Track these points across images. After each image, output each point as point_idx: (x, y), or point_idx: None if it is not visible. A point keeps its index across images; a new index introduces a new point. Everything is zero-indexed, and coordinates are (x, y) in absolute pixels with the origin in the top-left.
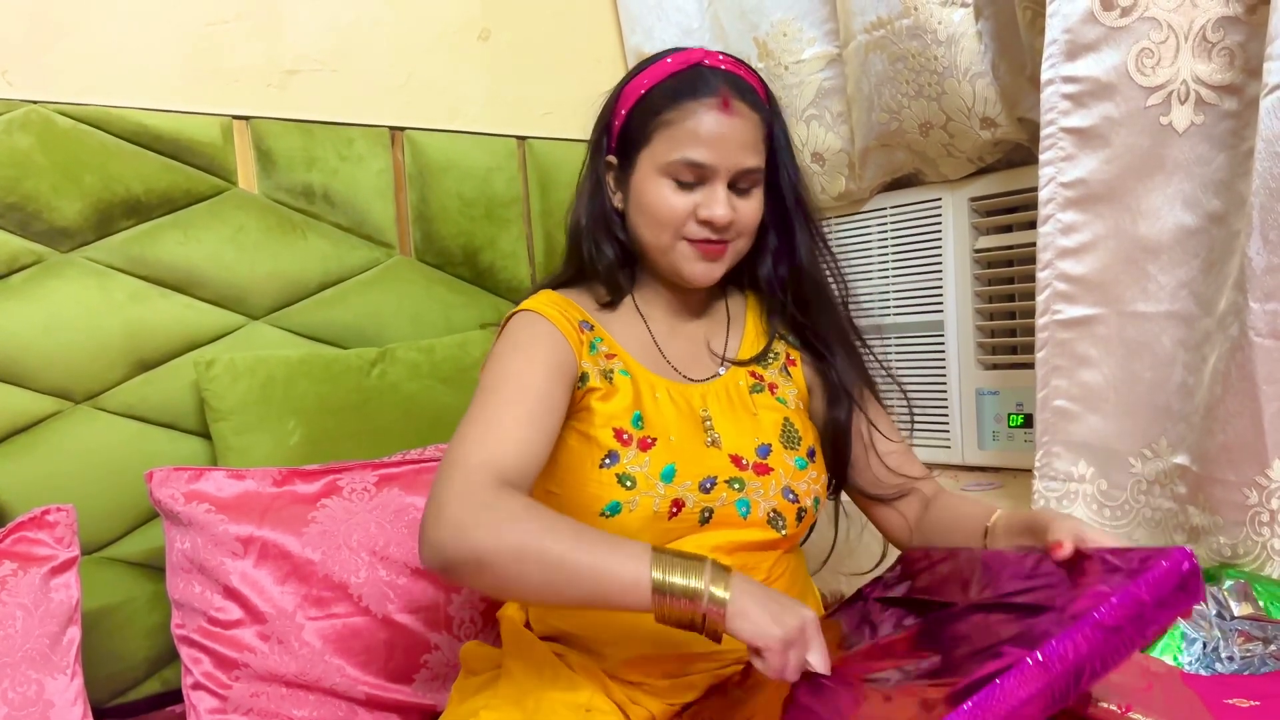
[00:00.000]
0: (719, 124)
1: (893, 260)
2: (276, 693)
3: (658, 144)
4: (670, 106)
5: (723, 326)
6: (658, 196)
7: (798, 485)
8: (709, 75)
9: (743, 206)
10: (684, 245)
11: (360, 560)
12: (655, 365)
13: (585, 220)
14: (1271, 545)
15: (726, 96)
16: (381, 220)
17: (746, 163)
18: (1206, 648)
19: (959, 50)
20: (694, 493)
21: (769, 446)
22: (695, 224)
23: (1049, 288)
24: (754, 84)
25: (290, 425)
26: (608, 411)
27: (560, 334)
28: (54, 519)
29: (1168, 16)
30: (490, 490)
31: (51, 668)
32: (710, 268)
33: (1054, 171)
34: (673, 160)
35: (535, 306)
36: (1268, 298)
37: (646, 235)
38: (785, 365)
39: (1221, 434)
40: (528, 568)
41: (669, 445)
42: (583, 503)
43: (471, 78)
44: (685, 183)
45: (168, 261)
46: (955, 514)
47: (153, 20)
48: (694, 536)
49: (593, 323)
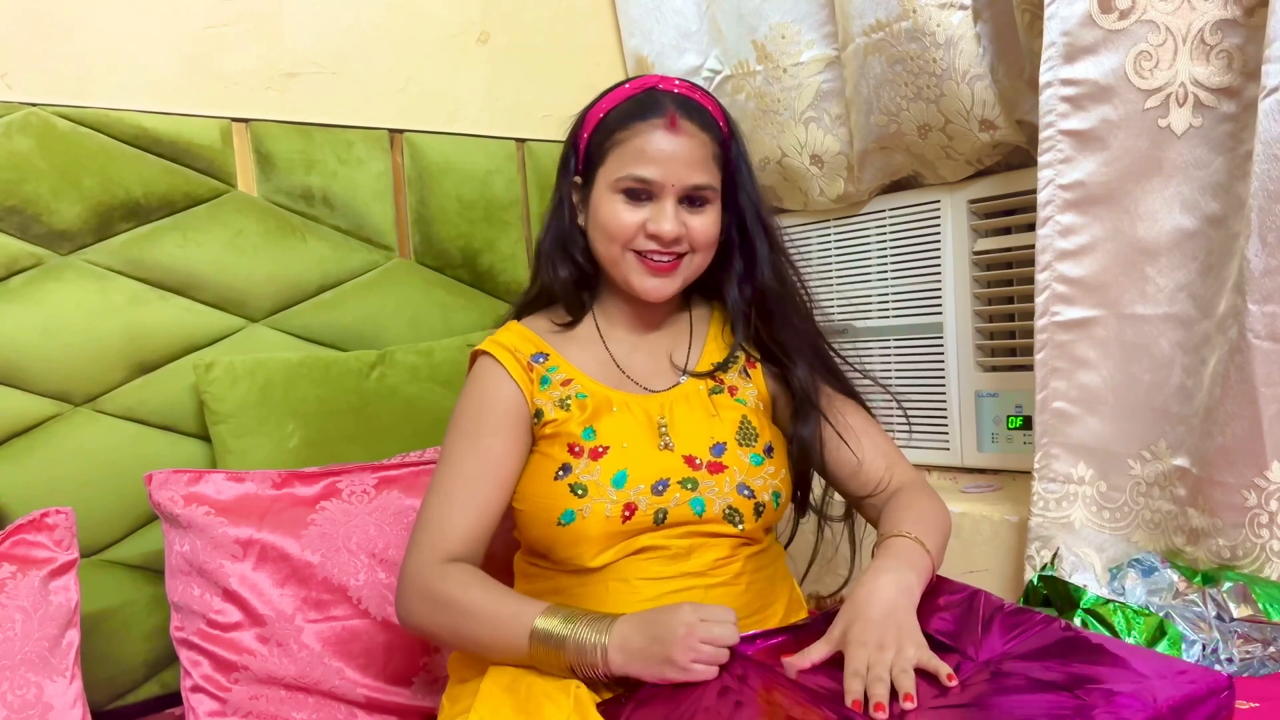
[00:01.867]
0: (665, 142)
1: (891, 262)
2: (276, 695)
3: (611, 163)
4: (622, 127)
5: (685, 339)
6: (610, 212)
7: (753, 481)
8: (660, 97)
9: (694, 222)
10: (632, 258)
11: (359, 562)
12: (615, 381)
13: (546, 242)
14: (1270, 547)
15: (674, 116)
16: (381, 223)
17: (693, 180)
18: (1205, 649)
19: (958, 53)
20: (646, 495)
21: (724, 445)
22: (644, 237)
23: (1048, 290)
24: (707, 105)
25: (289, 428)
26: (562, 431)
27: (512, 383)
28: (53, 521)
29: (1166, 19)
30: (434, 574)
31: (51, 670)
32: (661, 283)
33: (1052, 174)
34: (622, 177)
35: (492, 350)
36: (1266, 300)
37: (600, 249)
38: (745, 367)
39: (1220, 436)
40: (458, 639)
41: (621, 452)
42: (541, 515)
43: (471, 80)
44: (636, 198)
45: (167, 264)
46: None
47: (152, 23)
48: (649, 535)
49: (548, 351)
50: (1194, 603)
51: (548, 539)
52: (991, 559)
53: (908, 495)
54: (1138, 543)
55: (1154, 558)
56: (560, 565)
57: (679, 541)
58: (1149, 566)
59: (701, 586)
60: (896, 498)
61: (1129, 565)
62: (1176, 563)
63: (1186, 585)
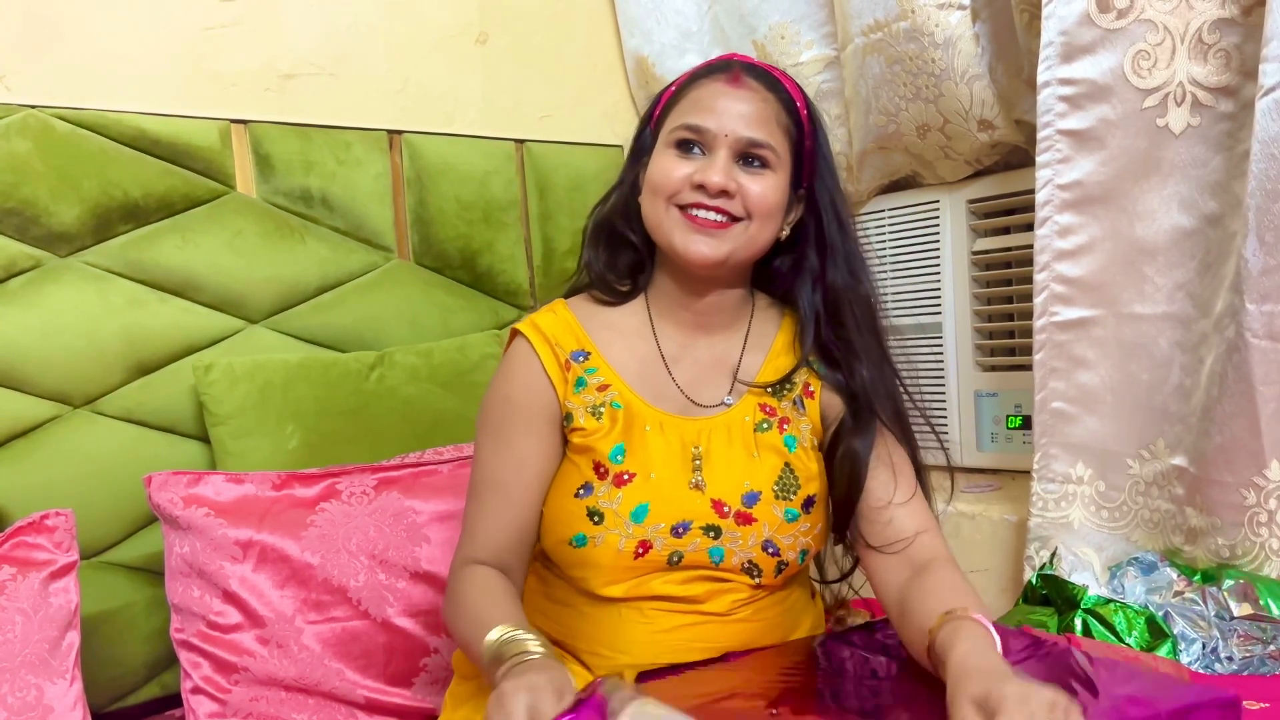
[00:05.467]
0: (722, 93)
1: (891, 262)
2: (276, 696)
3: (670, 120)
4: (687, 88)
5: (741, 343)
6: (659, 165)
7: (782, 539)
8: (731, 61)
9: (750, 183)
10: (676, 214)
11: (359, 564)
12: (656, 391)
13: (591, 220)
14: (1269, 545)
15: (737, 73)
16: (379, 224)
17: (749, 133)
18: (1206, 648)
19: (956, 53)
20: (664, 535)
21: (757, 495)
22: (690, 189)
23: (1046, 290)
24: (781, 78)
25: (289, 429)
26: (590, 443)
27: (545, 377)
28: (53, 524)
29: (1164, 18)
30: (457, 576)
31: (51, 672)
32: (707, 243)
33: (1051, 174)
34: (676, 127)
35: (531, 335)
36: (1264, 299)
37: (647, 210)
38: (802, 395)
39: (1219, 435)
40: (457, 640)
41: (647, 483)
42: (556, 528)
43: (469, 81)
44: (688, 150)
45: (166, 266)
46: (920, 611)
47: (151, 24)
48: (661, 577)
49: (590, 349)
50: (1194, 601)
51: (558, 553)
52: (991, 559)
53: (933, 578)
54: (1137, 542)
55: (1153, 556)
56: (572, 582)
57: (694, 587)
58: (1148, 565)
59: (719, 623)
60: (929, 581)
61: (1128, 564)
62: (1176, 561)
63: (1186, 584)
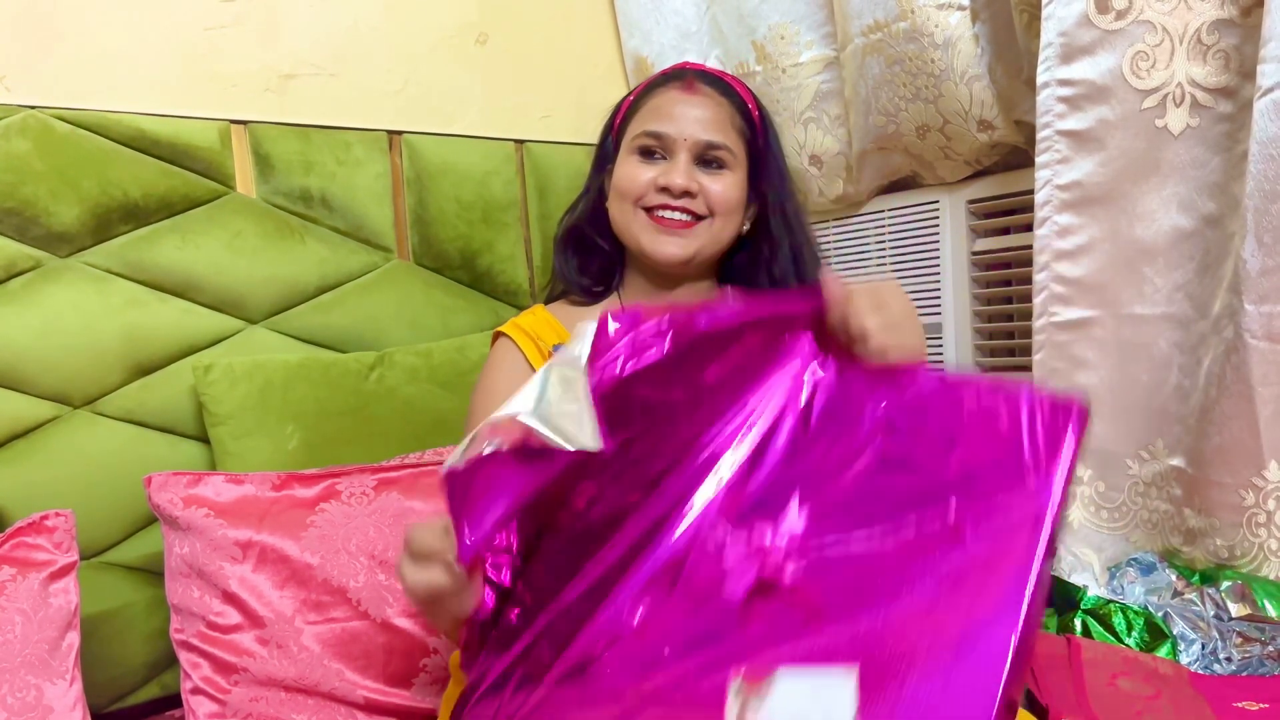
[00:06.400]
0: (679, 100)
1: (890, 263)
2: (275, 697)
3: (630, 128)
4: (645, 97)
5: None
6: (624, 171)
7: None
8: (685, 70)
9: (710, 183)
10: (643, 217)
11: (359, 564)
12: None
13: (560, 229)
14: (1268, 546)
15: (692, 80)
16: (379, 224)
17: (707, 136)
18: (1205, 649)
19: (956, 53)
20: None
21: None
22: (654, 192)
23: (1045, 290)
24: (732, 83)
25: (289, 429)
26: None
27: (529, 369)
28: (52, 524)
29: (1163, 19)
30: None
31: (50, 673)
32: (674, 243)
33: (1050, 174)
34: (637, 135)
35: (513, 333)
36: (1262, 300)
37: (614, 214)
38: None
39: (1217, 436)
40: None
41: None
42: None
43: (469, 82)
44: (650, 156)
45: (166, 266)
46: None
47: (150, 24)
48: None
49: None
50: (1192, 602)
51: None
52: None
53: None
54: (1136, 542)
55: (1152, 557)
56: None
57: None
58: (1148, 566)
59: None
60: None
61: (1127, 565)
62: (1175, 562)
63: (1185, 585)
